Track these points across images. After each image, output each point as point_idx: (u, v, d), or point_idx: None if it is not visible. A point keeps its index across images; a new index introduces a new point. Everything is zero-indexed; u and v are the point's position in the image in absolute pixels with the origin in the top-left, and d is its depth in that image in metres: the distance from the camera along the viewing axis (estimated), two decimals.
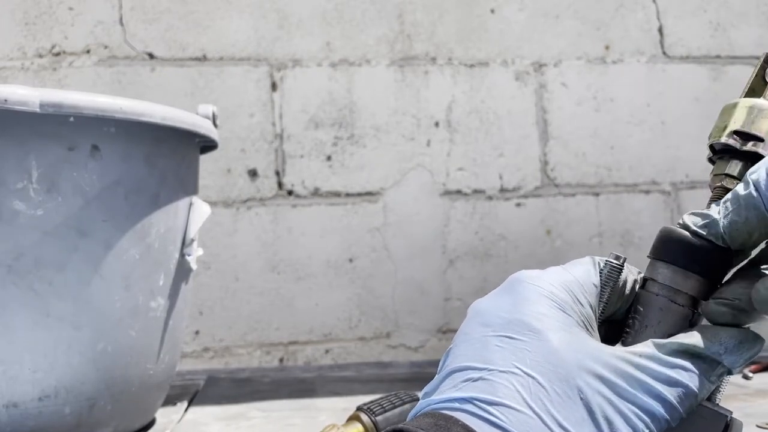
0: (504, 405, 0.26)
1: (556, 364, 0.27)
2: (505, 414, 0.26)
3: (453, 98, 1.24)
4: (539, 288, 0.30)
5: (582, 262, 0.32)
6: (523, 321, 0.29)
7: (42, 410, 0.62)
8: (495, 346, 0.28)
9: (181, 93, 1.18)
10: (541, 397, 0.26)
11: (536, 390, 0.26)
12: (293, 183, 1.20)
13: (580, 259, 0.33)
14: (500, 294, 0.31)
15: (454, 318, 1.22)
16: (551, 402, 0.26)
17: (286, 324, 1.19)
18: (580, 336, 0.29)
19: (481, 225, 1.23)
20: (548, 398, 0.26)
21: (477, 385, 0.27)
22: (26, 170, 0.61)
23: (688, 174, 1.28)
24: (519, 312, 0.29)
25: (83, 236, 0.63)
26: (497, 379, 0.27)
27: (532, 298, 0.30)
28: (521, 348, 0.28)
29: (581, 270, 0.32)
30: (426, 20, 1.25)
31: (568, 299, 0.30)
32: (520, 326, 0.28)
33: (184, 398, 0.91)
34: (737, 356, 0.29)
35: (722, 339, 0.29)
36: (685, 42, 1.30)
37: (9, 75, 1.16)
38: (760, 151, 0.33)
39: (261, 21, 1.22)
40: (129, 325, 0.67)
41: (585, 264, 0.32)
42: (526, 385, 0.27)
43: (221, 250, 1.18)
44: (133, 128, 0.66)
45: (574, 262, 0.33)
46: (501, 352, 0.28)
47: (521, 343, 0.28)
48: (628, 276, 0.33)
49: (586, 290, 0.31)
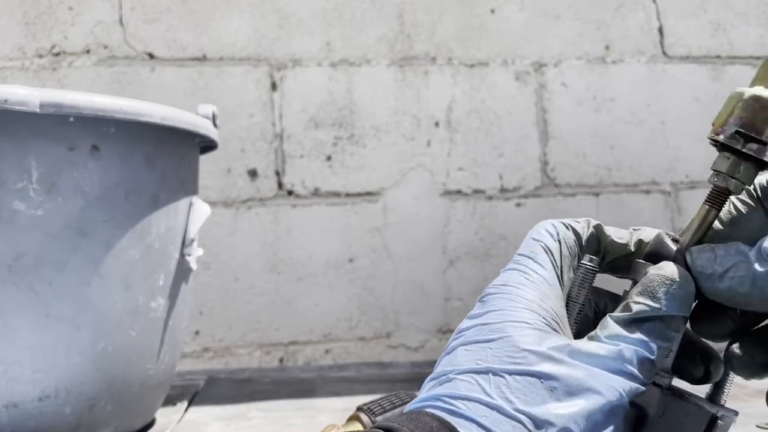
0: (465, 398, 0.28)
1: (515, 357, 0.29)
2: (466, 405, 0.28)
3: (453, 98, 1.24)
4: (506, 295, 0.32)
5: (539, 260, 0.33)
6: (489, 325, 0.31)
7: (42, 410, 0.62)
8: (463, 351, 0.31)
9: (181, 93, 1.18)
10: (501, 387, 0.28)
11: (496, 381, 0.28)
12: (293, 183, 1.20)
13: (531, 250, 0.34)
14: (475, 308, 0.33)
15: (455, 318, 1.22)
16: (510, 389, 0.28)
17: (286, 324, 1.19)
18: (542, 332, 0.30)
19: (481, 225, 1.23)
20: (507, 386, 0.28)
21: (444, 385, 0.30)
22: (26, 170, 0.61)
23: (688, 174, 1.27)
24: (485, 318, 0.31)
25: (83, 236, 0.63)
26: (460, 377, 0.29)
27: (499, 304, 0.32)
28: (485, 347, 0.30)
29: (543, 270, 0.33)
30: (426, 20, 1.25)
31: (534, 299, 0.32)
32: (486, 331, 0.31)
33: (184, 398, 0.91)
34: (673, 301, 0.30)
35: (656, 291, 0.30)
36: (685, 42, 1.30)
37: (9, 75, 1.16)
38: (762, 157, 0.33)
39: (261, 21, 1.22)
40: (129, 325, 0.67)
41: (542, 262, 0.33)
42: (486, 379, 0.29)
43: (221, 250, 1.18)
44: (133, 128, 0.66)
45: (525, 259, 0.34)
46: (467, 355, 0.30)
47: (485, 344, 0.30)
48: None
49: (551, 284, 0.33)
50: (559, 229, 0.35)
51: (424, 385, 0.32)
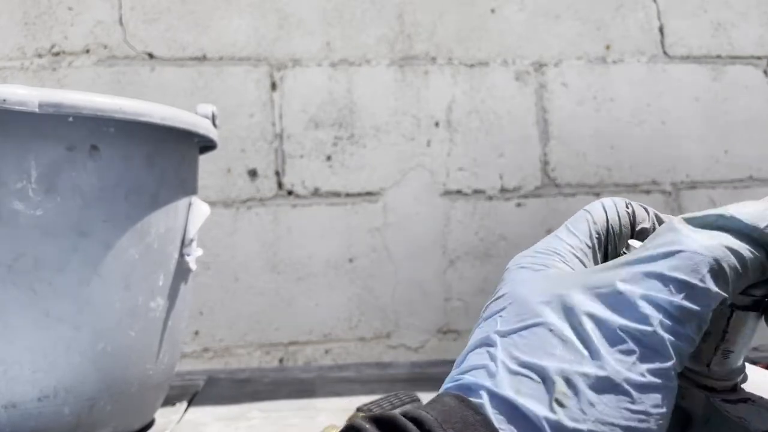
0: (473, 367, 0.27)
1: (523, 314, 0.27)
2: (472, 374, 0.26)
3: (453, 98, 1.24)
4: (519, 263, 0.30)
5: (575, 229, 0.31)
6: (501, 298, 0.29)
7: (42, 410, 0.62)
8: (477, 330, 0.29)
9: (180, 93, 1.18)
10: (508, 347, 0.26)
11: (504, 344, 0.26)
12: (293, 183, 1.20)
13: (573, 219, 0.32)
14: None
15: (455, 318, 1.22)
16: (516, 346, 0.26)
17: (286, 324, 1.19)
18: (554, 273, 0.28)
19: (481, 225, 1.23)
20: (513, 345, 0.26)
21: (461, 366, 0.28)
22: (25, 170, 0.61)
23: (689, 174, 1.27)
24: (497, 293, 0.29)
25: (83, 236, 0.63)
26: (471, 353, 0.28)
27: (513, 276, 0.30)
28: (495, 318, 0.28)
29: (575, 239, 0.31)
30: (426, 20, 1.25)
31: (556, 267, 0.29)
32: (499, 304, 0.29)
33: (183, 398, 0.91)
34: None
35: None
36: (685, 42, 1.30)
37: (8, 75, 1.16)
38: None
39: (261, 21, 1.22)
40: (129, 325, 0.67)
41: (578, 231, 0.31)
42: (494, 344, 0.27)
43: (221, 250, 1.18)
44: (133, 128, 0.66)
45: (562, 229, 0.32)
46: (479, 332, 0.28)
47: (497, 314, 0.28)
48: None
49: (580, 255, 0.30)
50: (618, 205, 0.32)
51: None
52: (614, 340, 0.25)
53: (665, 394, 0.24)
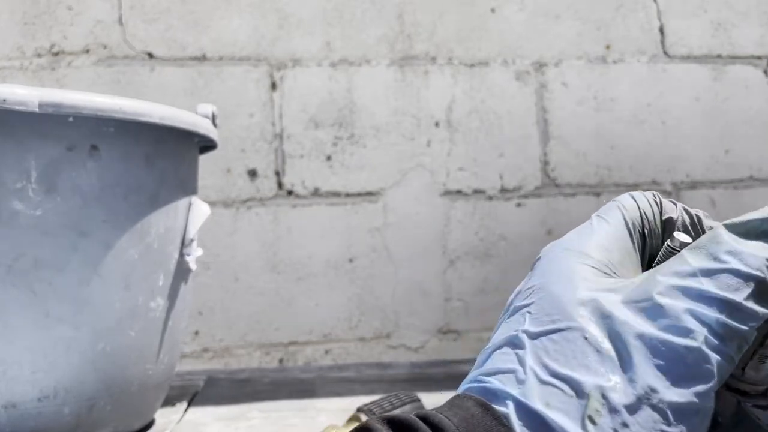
0: (499, 371, 0.25)
1: (554, 314, 0.25)
2: (499, 378, 0.25)
3: (453, 98, 1.24)
4: (553, 253, 0.28)
5: (607, 216, 0.29)
6: (529, 289, 0.27)
7: (41, 411, 0.62)
8: (503, 324, 0.27)
9: (180, 93, 1.18)
10: (538, 351, 0.24)
11: (533, 346, 0.24)
12: (293, 183, 1.20)
13: (605, 208, 0.30)
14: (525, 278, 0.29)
15: (455, 318, 1.22)
16: (548, 353, 0.24)
17: (286, 324, 1.19)
18: (590, 279, 0.26)
19: (481, 225, 1.23)
20: (544, 349, 0.24)
21: (484, 364, 0.26)
22: (25, 170, 0.61)
23: (689, 174, 1.27)
24: (526, 283, 0.28)
25: (82, 236, 0.63)
26: (497, 351, 0.26)
27: (543, 265, 0.28)
28: (523, 313, 0.26)
29: (607, 225, 0.29)
30: (426, 20, 1.25)
31: (588, 250, 0.27)
32: (526, 295, 0.27)
33: (183, 399, 0.91)
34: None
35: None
36: (686, 41, 1.30)
37: (8, 75, 1.16)
38: None
39: (261, 21, 1.21)
40: (128, 325, 0.67)
41: (611, 218, 0.29)
42: (522, 346, 0.25)
43: (221, 251, 1.18)
44: (133, 128, 0.66)
45: (594, 217, 0.30)
46: (506, 327, 0.27)
47: (525, 308, 0.26)
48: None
49: (616, 238, 0.28)
50: (647, 196, 0.31)
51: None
52: (654, 355, 0.23)
53: (702, 416, 0.23)
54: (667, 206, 0.30)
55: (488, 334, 1.22)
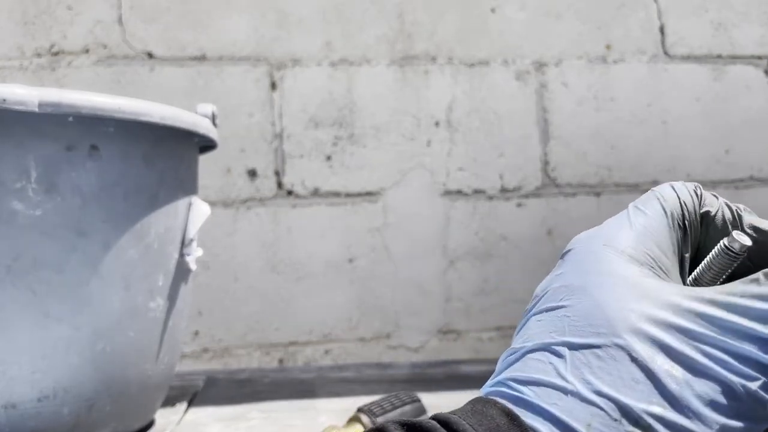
0: (534, 381, 0.23)
1: (597, 324, 0.23)
2: (534, 390, 0.23)
3: (453, 98, 1.24)
4: (586, 247, 0.26)
5: (646, 208, 0.28)
6: (566, 287, 0.25)
7: (41, 411, 0.62)
8: (535, 322, 0.25)
9: (180, 92, 1.18)
10: (578, 364, 0.22)
11: (573, 358, 0.23)
12: (293, 183, 1.20)
13: (642, 199, 0.29)
14: (555, 267, 0.27)
15: (455, 318, 1.22)
16: (591, 369, 0.22)
17: (286, 324, 1.19)
18: (636, 286, 0.24)
19: (481, 225, 1.23)
20: (586, 364, 0.22)
21: (513, 366, 0.24)
22: (25, 170, 0.61)
23: (689, 174, 1.27)
24: (561, 279, 0.26)
25: (82, 236, 0.63)
26: (530, 356, 0.24)
27: (579, 257, 0.26)
28: (561, 315, 0.24)
29: (646, 218, 0.27)
30: (426, 19, 1.25)
31: (628, 245, 0.26)
32: (562, 293, 0.25)
33: (183, 399, 0.90)
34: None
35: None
36: (686, 41, 1.30)
37: (7, 75, 1.16)
38: None
39: (260, 20, 1.21)
40: (128, 325, 0.67)
41: (650, 210, 0.27)
42: (561, 355, 0.23)
43: (221, 251, 1.18)
44: (132, 128, 0.65)
45: (631, 208, 0.28)
46: (539, 326, 0.25)
47: (561, 310, 0.24)
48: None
49: (657, 232, 0.26)
50: (687, 186, 0.29)
51: (499, 360, 0.26)
52: (708, 389, 0.21)
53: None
54: (708, 199, 0.29)
55: (488, 335, 1.22)
